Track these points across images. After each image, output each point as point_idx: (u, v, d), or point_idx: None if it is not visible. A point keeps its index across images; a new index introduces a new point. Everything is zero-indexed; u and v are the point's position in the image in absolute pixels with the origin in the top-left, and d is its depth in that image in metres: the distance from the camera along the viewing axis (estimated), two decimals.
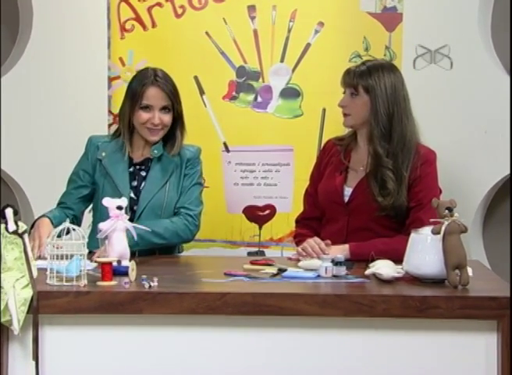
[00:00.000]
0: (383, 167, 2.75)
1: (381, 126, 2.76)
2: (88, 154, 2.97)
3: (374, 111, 2.77)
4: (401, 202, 2.74)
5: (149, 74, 2.92)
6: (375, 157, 2.77)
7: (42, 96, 3.63)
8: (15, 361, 2.18)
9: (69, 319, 2.17)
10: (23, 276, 2.16)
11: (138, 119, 2.89)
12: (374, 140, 2.77)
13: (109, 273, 2.25)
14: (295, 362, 2.19)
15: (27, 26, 3.65)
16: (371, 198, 2.76)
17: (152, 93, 2.88)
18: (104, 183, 2.91)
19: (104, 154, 2.93)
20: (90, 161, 2.95)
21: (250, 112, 3.59)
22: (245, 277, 2.36)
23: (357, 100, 2.79)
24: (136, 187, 2.92)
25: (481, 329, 2.16)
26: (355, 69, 2.82)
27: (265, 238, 3.58)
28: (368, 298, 2.16)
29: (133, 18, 3.59)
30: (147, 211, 2.89)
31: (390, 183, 2.74)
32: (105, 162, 2.92)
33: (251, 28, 3.56)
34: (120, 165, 2.93)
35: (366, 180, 2.80)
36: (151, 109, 2.88)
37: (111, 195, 2.70)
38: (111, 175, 2.91)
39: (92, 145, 2.97)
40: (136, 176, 2.94)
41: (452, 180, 3.39)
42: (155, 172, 2.92)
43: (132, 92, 2.91)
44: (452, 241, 2.23)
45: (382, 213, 2.74)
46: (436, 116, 3.44)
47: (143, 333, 2.19)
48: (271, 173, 3.59)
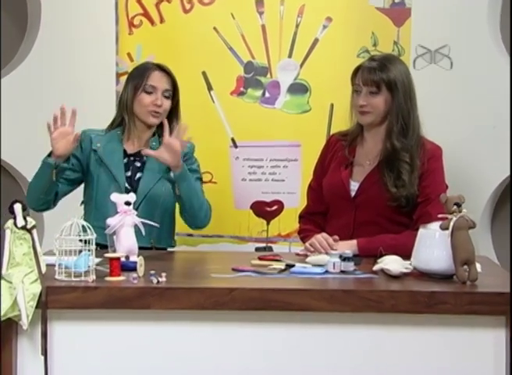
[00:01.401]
0: (401, 160, 2.75)
1: (401, 122, 2.76)
2: (81, 144, 2.96)
3: (396, 106, 2.75)
4: (413, 191, 2.74)
5: (148, 63, 3.04)
6: (391, 151, 2.76)
7: (50, 92, 3.63)
8: (24, 356, 2.19)
9: (77, 314, 2.18)
10: (31, 271, 2.17)
11: (141, 102, 2.92)
12: (392, 135, 2.76)
13: (117, 269, 2.26)
14: (303, 357, 2.19)
15: (36, 22, 3.66)
16: (382, 190, 2.75)
17: (157, 76, 2.96)
18: (100, 172, 2.92)
19: (98, 145, 2.95)
20: (83, 151, 2.96)
21: (258, 108, 3.58)
22: (253, 273, 2.36)
23: (379, 98, 2.76)
24: (130, 177, 2.94)
25: (490, 325, 2.16)
26: (370, 66, 2.77)
27: (273, 234, 3.58)
28: (376, 293, 2.16)
29: (141, 13, 3.59)
30: (144, 203, 2.89)
31: (405, 175, 2.74)
32: (100, 152, 2.94)
33: (259, 23, 3.56)
34: (116, 154, 2.96)
35: (375, 173, 2.79)
36: (153, 92, 2.93)
37: (107, 185, 2.75)
38: (107, 164, 2.93)
39: (86, 136, 2.97)
40: (131, 166, 2.96)
41: (460, 175, 3.39)
42: (152, 164, 2.92)
43: (135, 78, 2.96)
44: (460, 236, 2.23)
45: (393, 203, 2.74)
46: (443, 113, 3.44)
47: (151, 329, 2.19)
48: (279, 169, 3.59)
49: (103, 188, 2.90)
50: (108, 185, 2.88)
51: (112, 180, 2.90)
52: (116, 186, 2.87)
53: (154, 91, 2.94)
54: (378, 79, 2.75)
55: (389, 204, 2.74)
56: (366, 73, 2.77)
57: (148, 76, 2.95)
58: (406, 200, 2.74)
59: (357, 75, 2.80)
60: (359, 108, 2.79)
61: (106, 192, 2.77)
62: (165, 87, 2.96)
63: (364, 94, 2.78)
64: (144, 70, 2.98)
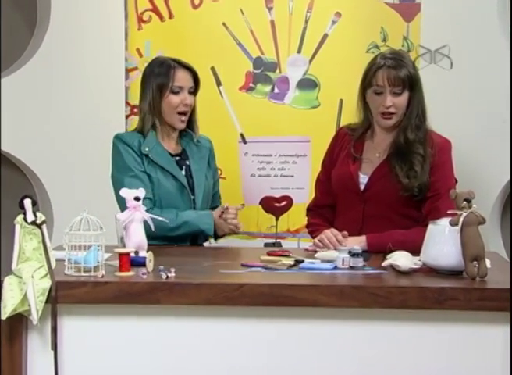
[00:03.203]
0: (414, 153, 2.75)
1: (419, 116, 2.76)
2: (130, 149, 2.88)
3: (416, 102, 2.76)
4: (425, 180, 2.74)
5: (168, 61, 2.96)
6: (404, 144, 2.76)
7: (59, 87, 3.64)
8: (34, 350, 2.20)
9: (87, 309, 2.18)
10: (41, 266, 2.18)
11: (170, 103, 2.91)
12: (408, 129, 2.76)
13: (127, 264, 2.26)
14: (311, 352, 2.19)
15: (45, 18, 3.66)
16: (392, 182, 2.75)
17: (181, 75, 2.93)
18: (158, 175, 2.88)
19: (147, 148, 2.89)
20: (137, 155, 2.88)
21: (267, 103, 3.58)
22: (262, 268, 2.36)
23: (403, 96, 2.76)
24: (185, 176, 2.95)
25: (500, 321, 2.15)
26: (391, 65, 2.73)
27: (282, 229, 3.59)
28: (385, 289, 2.16)
29: (150, 9, 3.59)
30: (202, 199, 2.95)
31: (418, 166, 2.74)
32: (153, 156, 2.88)
33: (268, 19, 3.55)
34: (165, 156, 2.92)
35: (384, 166, 2.79)
36: (180, 91, 2.92)
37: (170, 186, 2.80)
38: (163, 167, 2.89)
39: (130, 140, 2.89)
40: (183, 166, 2.96)
41: (470, 171, 3.38)
42: (195, 161, 2.97)
43: (158, 78, 2.92)
44: (470, 232, 2.22)
45: (405, 193, 2.73)
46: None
47: (160, 324, 2.20)
48: (288, 164, 3.59)
49: (166, 189, 2.87)
50: (171, 186, 2.86)
51: (173, 182, 2.88)
52: (178, 186, 2.88)
53: (181, 90, 2.92)
54: (403, 76, 2.73)
55: (401, 193, 2.74)
56: (392, 72, 2.74)
57: (174, 76, 2.91)
58: (418, 189, 2.74)
59: (378, 75, 2.75)
60: (384, 110, 2.76)
61: (170, 193, 2.80)
62: (190, 85, 2.95)
63: (389, 95, 2.75)
64: (168, 70, 2.93)
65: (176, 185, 2.88)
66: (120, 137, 2.93)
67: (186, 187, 2.91)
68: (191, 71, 2.96)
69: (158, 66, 2.97)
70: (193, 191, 2.93)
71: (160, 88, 2.91)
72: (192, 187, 2.93)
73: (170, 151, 2.96)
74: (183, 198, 2.90)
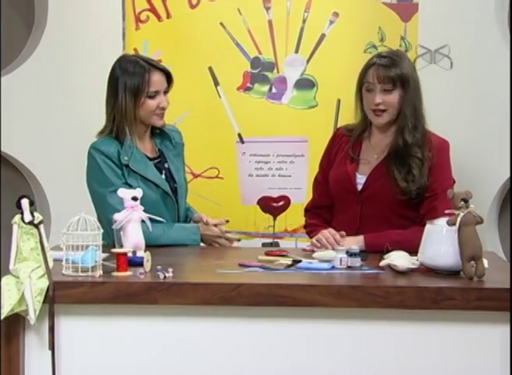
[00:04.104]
0: (412, 156, 2.74)
1: (417, 116, 2.76)
2: (109, 160, 2.79)
3: (409, 101, 2.74)
4: (423, 183, 2.73)
5: (140, 62, 2.84)
6: (403, 147, 2.76)
7: (57, 87, 3.64)
8: (31, 350, 2.20)
9: (84, 309, 2.18)
10: (38, 266, 2.18)
11: (147, 108, 2.82)
12: (405, 130, 2.75)
13: (124, 264, 2.26)
14: (309, 352, 2.19)
15: (42, 18, 3.66)
16: (389, 183, 2.74)
17: (156, 78, 2.83)
18: (140, 185, 2.73)
19: (126, 158, 2.80)
20: (116, 166, 2.79)
21: (264, 103, 3.58)
22: (259, 268, 2.36)
23: (394, 94, 2.74)
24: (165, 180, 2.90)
25: (497, 320, 2.15)
26: (382, 63, 2.74)
27: (280, 229, 3.59)
28: (383, 289, 2.16)
29: (147, 9, 3.59)
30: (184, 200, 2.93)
31: (416, 170, 2.73)
32: (133, 165, 2.80)
33: (266, 19, 3.55)
34: (144, 163, 2.85)
35: (382, 167, 2.79)
36: (156, 95, 2.83)
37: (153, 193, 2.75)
38: (145, 176, 2.82)
39: (109, 151, 2.79)
40: (163, 170, 2.91)
41: (467, 171, 3.38)
42: (173, 162, 2.93)
43: (133, 85, 2.79)
44: (467, 232, 2.22)
45: (403, 197, 2.73)
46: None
47: (157, 324, 2.20)
48: (285, 164, 3.59)
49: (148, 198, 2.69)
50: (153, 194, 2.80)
51: (155, 190, 2.81)
52: (161, 193, 2.84)
53: (157, 94, 2.83)
54: (393, 75, 2.73)
55: (399, 197, 2.73)
56: (381, 70, 2.74)
57: (148, 81, 2.80)
58: (416, 193, 2.74)
59: (369, 73, 2.76)
60: (374, 107, 2.76)
61: (153, 202, 2.74)
62: (165, 86, 2.86)
63: (379, 92, 2.75)
64: (143, 76, 2.80)
65: (159, 193, 2.82)
66: (97, 148, 2.81)
67: (169, 193, 2.86)
68: (164, 71, 2.86)
69: (128, 70, 2.82)
70: (176, 193, 2.90)
71: (134, 93, 2.80)
72: (174, 189, 2.90)
73: (148, 155, 2.88)
74: (167, 204, 2.85)
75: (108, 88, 2.88)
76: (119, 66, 2.86)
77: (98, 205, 2.76)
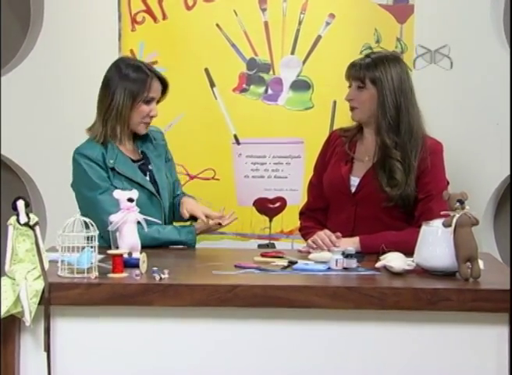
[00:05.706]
0: (392, 158, 2.75)
1: (388, 118, 2.76)
2: (95, 164, 2.79)
3: (381, 103, 2.76)
4: (409, 192, 2.74)
5: (147, 70, 2.86)
6: (383, 148, 2.77)
7: (53, 89, 3.63)
8: (26, 352, 2.19)
9: (80, 310, 2.18)
10: (34, 267, 2.17)
11: (141, 113, 2.83)
12: (382, 132, 2.77)
13: (120, 265, 2.26)
14: (305, 354, 2.19)
15: (38, 19, 3.66)
16: (378, 188, 2.76)
17: (156, 85, 2.86)
18: (125, 187, 2.73)
19: (112, 161, 2.81)
20: (102, 169, 2.81)
21: (260, 105, 3.58)
22: (256, 269, 2.36)
23: (364, 93, 2.78)
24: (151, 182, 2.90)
25: (493, 321, 2.15)
26: (360, 62, 2.81)
27: (276, 231, 3.59)
28: (379, 290, 2.16)
29: (143, 10, 3.59)
30: (168, 201, 2.92)
31: (398, 174, 2.74)
32: (118, 168, 2.81)
33: (262, 20, 3.55)
34: (129, 165, 2.86)
35: (373, 170, 2.80)
36: (151, 102, 2.85)
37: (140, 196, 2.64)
38: (131, 178, 2.83)
39: (93, 154, 2.80)
40: (147, 171, 2.91)
41: (463, 172, 3.39)
42: (155, 163, 2.93)
43: (133, 87, 2.81)
44: (463, 233, 2.23)
45: (389, 204, 2.74)
46: (443, 113, 3.43)
47: (153, 325, 2.19)
48: (281, 166, 3.59)
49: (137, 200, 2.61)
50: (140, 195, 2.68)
51: (140, 191, 2.72)
52: (147, 194, 2.84)
53: (152, 101, 2.85)
54: (361, 75, 2.77)
55: (385, 205, 2.74)
56: (352, 69, 2.81)
57: (150, 87, 2.82)
58: (402, 201, 2.74)
59: (347, 70, 2.83)
60: (349, 104, 2.82)
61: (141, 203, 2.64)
62: (160, 95, 2.89)
63: (353, 89, 2.81)
64: (144, 81, 2.82)
65: (145, 194, 2.82)
66: (82, 152, 2.82)
67: (155, 193, 2.87)
68: (162, 82, 2.88)
69: (133, 70, 2.84)
70: (160, 194, 2.90)
71: (134, 96, 2.82)
72: (157, 190, 2.90)
73: (131, 157, 2.89)
74: (153, 205, 2.85)
75: (104, 88, 2.89)
76: (119, 68, 2.88)
77: (90, 209, 2.73)
